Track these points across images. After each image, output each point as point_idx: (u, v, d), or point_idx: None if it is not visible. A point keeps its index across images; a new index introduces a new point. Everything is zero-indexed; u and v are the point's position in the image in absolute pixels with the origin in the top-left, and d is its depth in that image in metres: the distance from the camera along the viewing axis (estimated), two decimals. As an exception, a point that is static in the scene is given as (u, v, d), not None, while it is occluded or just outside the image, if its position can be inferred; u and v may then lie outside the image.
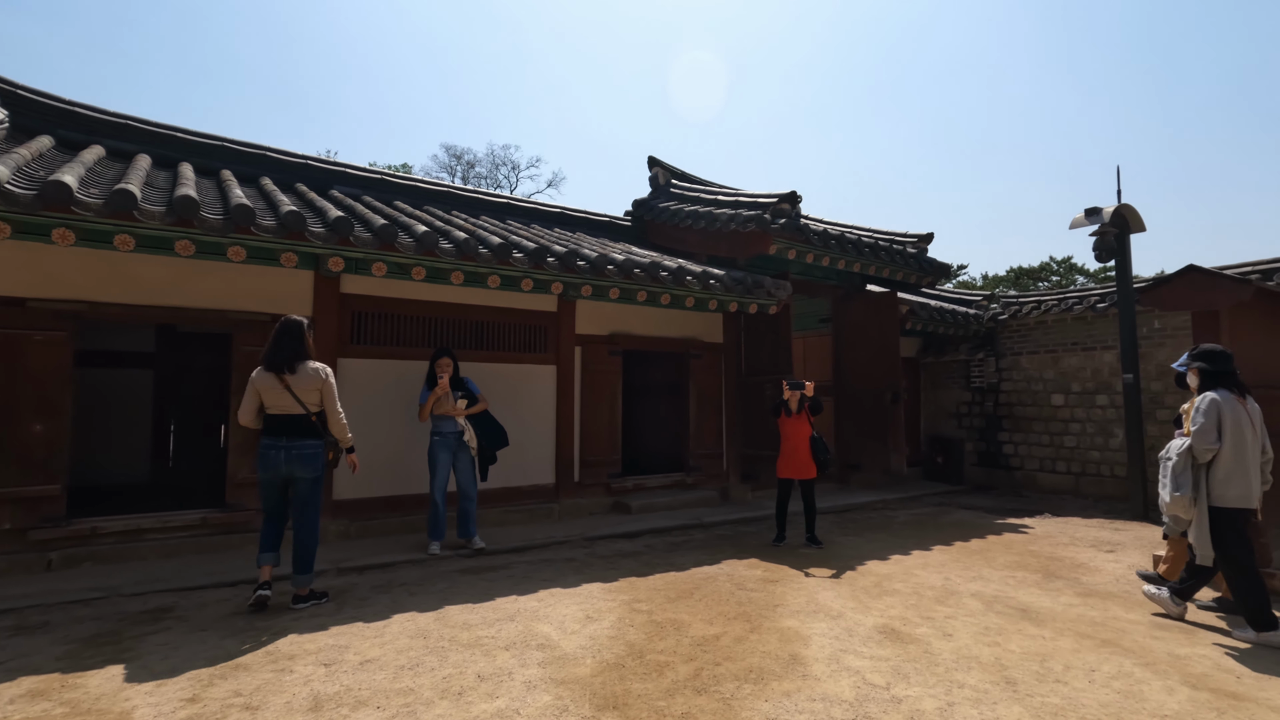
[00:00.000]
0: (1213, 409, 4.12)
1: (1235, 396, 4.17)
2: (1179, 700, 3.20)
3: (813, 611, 4.44)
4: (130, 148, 6.89)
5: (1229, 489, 4.07)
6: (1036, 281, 32.19)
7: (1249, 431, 4.10)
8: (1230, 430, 4.08)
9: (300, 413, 4.41)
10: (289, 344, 4.42)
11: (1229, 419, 4.09)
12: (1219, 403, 4.13)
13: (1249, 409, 4.18)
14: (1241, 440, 4.07)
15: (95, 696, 3.07)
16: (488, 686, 3.23)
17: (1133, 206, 8.53)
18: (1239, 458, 4.06)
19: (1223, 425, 4.09)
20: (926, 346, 12.11)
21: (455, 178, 32.64)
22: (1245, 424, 4.10)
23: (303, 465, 4.40)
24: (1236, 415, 4.10)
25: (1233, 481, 4.06)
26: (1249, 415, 4.15)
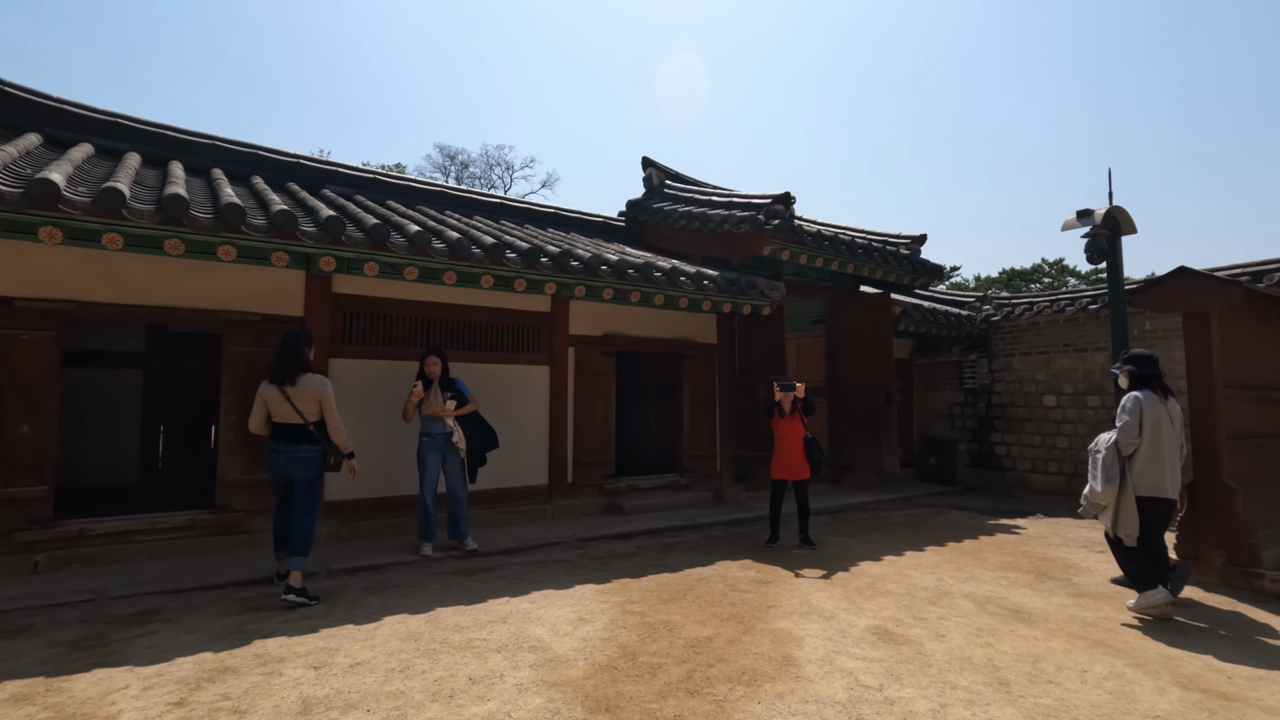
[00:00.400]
0: (1135, 407, 4.56)
1: (1158, 397, 4.60)
2: (1170, 701, 3.20)
3: (806, 613, 4.43)
4: (119, 146, 6.84)
5: (1144, 479, 4.50)
6: (1029, 283, 32.35)
7: (1167, 428, 4.52)
8: (1149, 427, 4.51)
9: (298, 422, 4.70)
10: (290, 357, 4.70)
11: (1149, 417, 4.52)
12: (1141, 401, 4.57)
13: (1169, 409, 4.59)
14: (1159, 436, 4.50)
15: (80, 701, 3.03)
16: (479, 689, 3.21)
17: (1124, 209, 8.55)
18: (1155, 452, 4.49)
19: (1143, 422, 4.52)
20: (919, 348, 12.14)
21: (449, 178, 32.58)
22: (1164, 422, 4.52)
23: (299, 468, 4.69)
24: (1156, 413, 4.53)
25: (1148, 473, 4.50)
26: (1168, 414, 4.56)
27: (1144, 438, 4.52)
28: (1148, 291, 5.76)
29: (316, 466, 4.74)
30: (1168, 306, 5.71)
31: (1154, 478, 4.49)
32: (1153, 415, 4.53)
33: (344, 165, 8.49)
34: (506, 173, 34.73)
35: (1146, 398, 4.60)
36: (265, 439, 4.86)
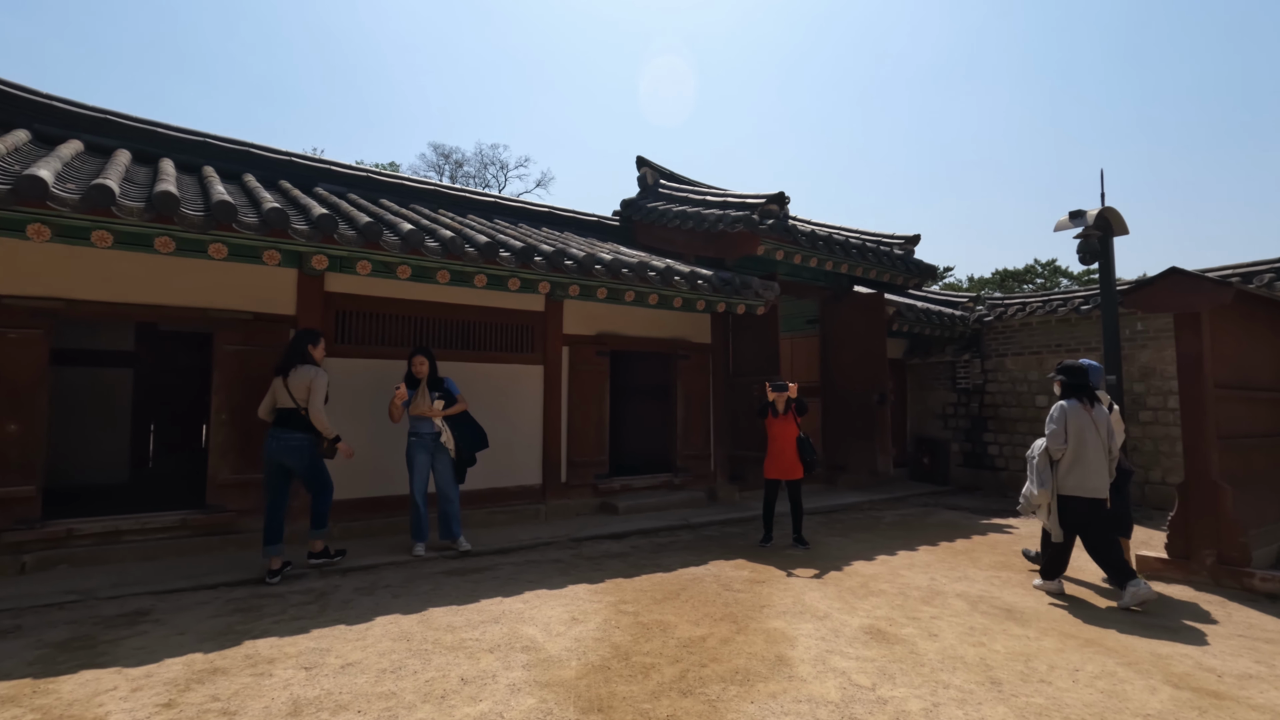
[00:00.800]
0: (1061, 416, 4.97)
1: (1083, 405, 4.99)
2: (1161, 699, 3.22)
3: (799, 612, 4.43)
4: (110, 143, 6.77)
5: (1068, 479, 4.92)
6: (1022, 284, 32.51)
7: (1090, 433, 4.90)
8: (1074, 433, 4.91)
9: (291, 406, 5.18)
10: (292, 351, 5.34)
11: (1074, 424, 4.92)
12: (1067, 410, 4.98)
13: (1094, 415, 4.96)
14: (1083, 441, 4.89)
15: (68, 702, 3.00)
16: (471, 690, 3.19)
17: (1116, 210, 8.59)
18: (1079, 455, 4.89)
19: (1069, 429, 4.91)
20: (913, 348, 12.17)
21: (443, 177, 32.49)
22: (1088, 428, 4.91)
23: (290, 455, 5.17)
24: (1080, 421, 4.93)
25: (1072, 473, 4.90)
26: (1093, 421, 4.94)
27: (1069, 443, 4.91)
28: (1139, 292, 5.79)
29: (308, 453, 5.22)
30: (1159, 307, 5.74)
31: (1077, 478, 4.88)
32: (1077, 422, 4.92)
33: (337, 163, 8.45)
34: (501, 172, 34.68)
35: (1072, 406, 4.99)
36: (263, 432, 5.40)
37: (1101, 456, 4.90)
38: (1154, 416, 9.05)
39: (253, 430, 5.96)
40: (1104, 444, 4.92)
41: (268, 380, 6.04)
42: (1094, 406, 5.01)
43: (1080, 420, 4.93)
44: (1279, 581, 4.91)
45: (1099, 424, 4.93)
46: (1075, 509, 4.90)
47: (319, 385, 5.22)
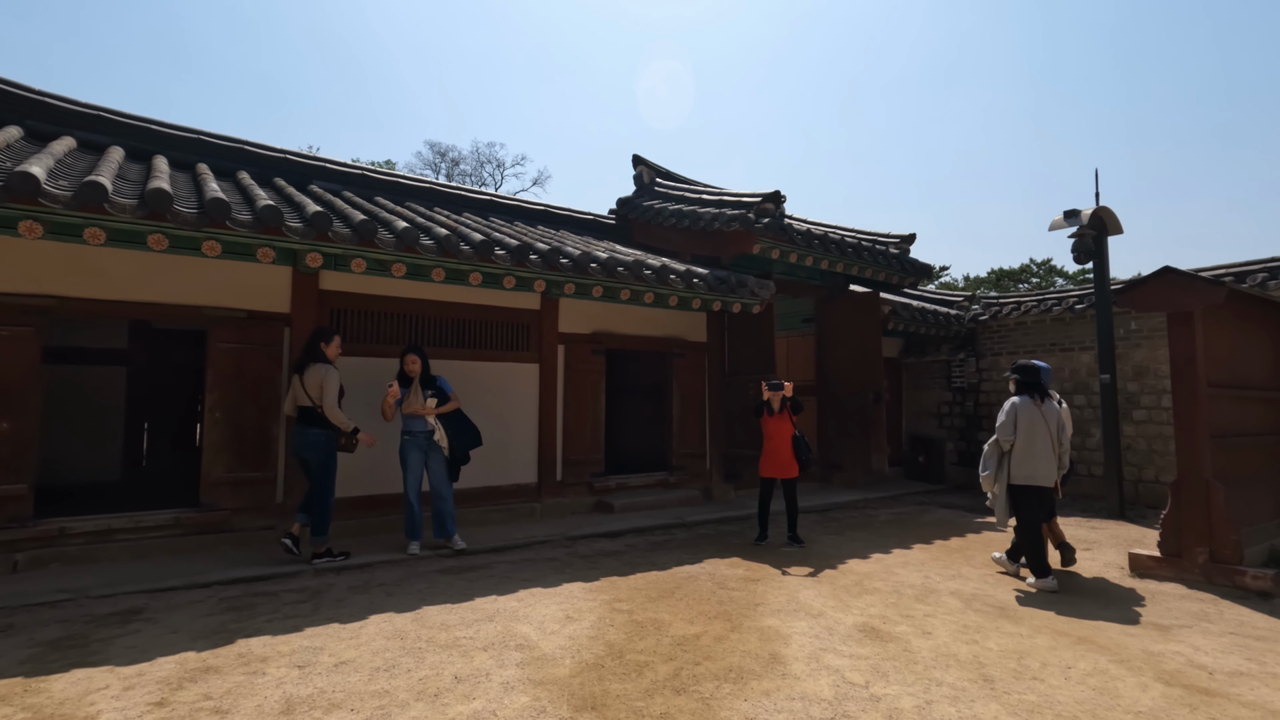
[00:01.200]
0: (1011, 411, 5.31)
1: (1033, 401, 5.29)
2: (1153, 697, 3.23)
3: (793, 610, 4.44)
4: (103, 140, 6.74)
5: (1019, 470, 5.22)
6: (1017, 283, 32.60)
7: (1040, 427, 5.21)
8: (1024, 427, 5.23)
9: (308, 404, 5.40)
10: (306, 349, 5.57)
11: (1023, 418, 5.24)
12: (1017, 405, 5.31)
13: (1044, 411, 5.27)
14: (1032, 434, 5.20)
15: (59, 701, 2.99)
16: (465, 688, 3.19)
17: (1110, 209, 8.63)
18: (1029, 447, 5.20)
19: (1018, 423, 5.23)
20: (908, 347, 12.20)
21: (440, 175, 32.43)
22: (1038, 422, 5.22)
23: (308, 449, 5.42)
24: (1030, 415, 5.24)
25: (1022, 464, 5.20)
26: (1042, 415, 5.25)
27: (1018, 436, 5.23)
28: (1133, 291, 5.81)
29: (324, 449, 5.42)
30: (1152, 306, 5.76)
31: (1027, 469, 5.21)
32: (1027, 417, 5.25)
33: (332, 161, 8.42)
34: (497, 170, 34.64)
35: (1022, 402, 5.31)
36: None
37: (1050, 449, 5.21)
38: (1147, 415, 9.08)
39: (246, 428, 5.95)
40: (1053, 437, 5.23)
41: (262, 378, 6.06)
42: (1044, 402, 5.31)
43: (1030, 415, 5.25)
44: (1270, 579, 4.94)
45: (1048, 419, 5.25)
46: (1026, 497, 5.22)
47: (329, 382, 5.38)
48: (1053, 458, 5.22)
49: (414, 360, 5.89)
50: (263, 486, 6.01)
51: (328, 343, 5.53)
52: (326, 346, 5.52)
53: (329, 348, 5.53)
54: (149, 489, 8.05)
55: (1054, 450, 5.23)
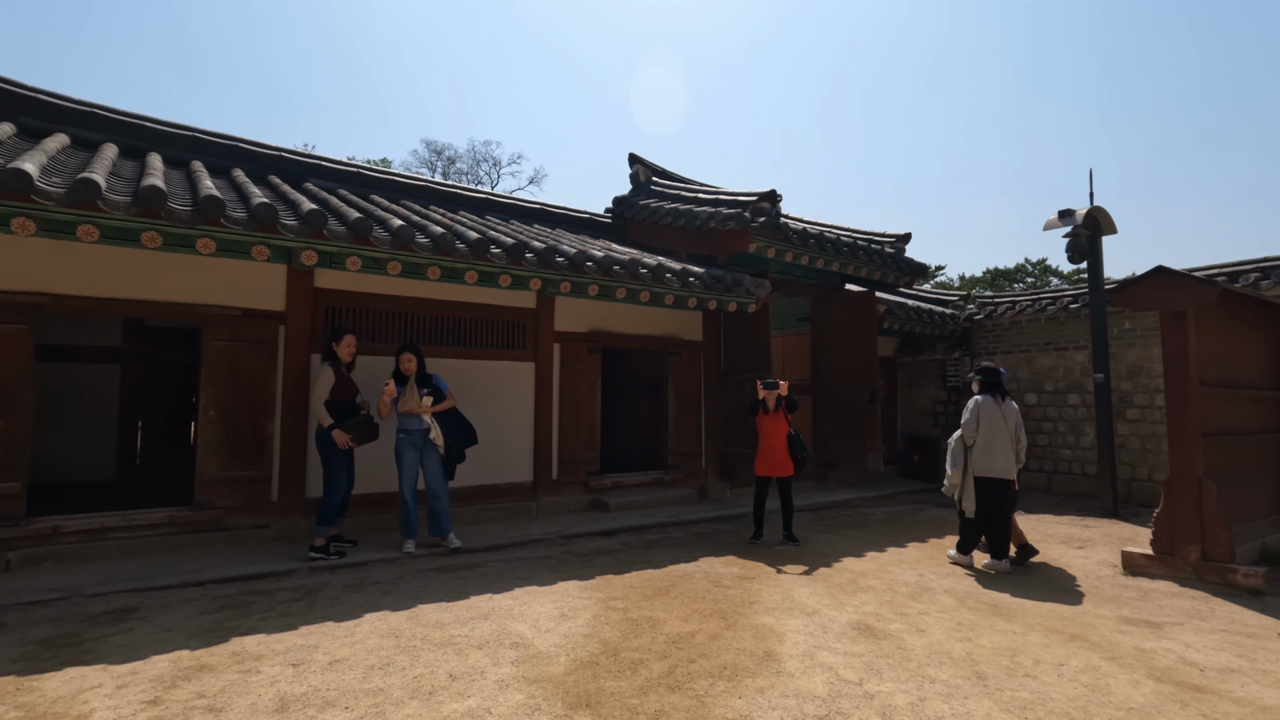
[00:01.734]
0: (975, 409, 5.71)
1: (994, 401, 5.71)
2: (1144, 693, 3.25)
3: (788, 608, 4.45)
4: (96, 137, 6.71)
5: (980, 463, 5.65)
6: (1012, 282, 32.69)
7: (999, 424, 5.63)
8: (985, 424, 5.64)
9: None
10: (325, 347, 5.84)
11: (985, 416, 5.66)
12: (980, 404, 5.71)
13: (1004, 409, 5.68)
14: (993, 431, 5.62)
15: (52, 700, 2.98)
16: (459, 686, 3.19)
17: (1104, 209, 8.66)
18: (989, 443, 5.62)
19: (980, 420, 5.64)
20: (903, 346, 12.23)
21: (435, 173, 32.37)
22: (997, 419, 5.64)
23: (318, 445, 5.66)
24: (991, 414, 5.66)
25: (983, 459, 5.63)
26: (1002, 414, 5.66)
27: (980, 432, 5.65)
28: (1126, 291, 5.83)
29: (321, 445, 5.58)
30: (1145, 305, 5.78)
31: (987, 462, 5.62)
32: (988, 415, 5.66)
33: (327, 159, 8.40)
34: (493, 169, 34.58)
35: (984, 401, 5.72)
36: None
37: (1008, 444, 5.62)
38: (1140, 414, 9.12)
39: (241, 427, 5.94)
40: (1011, 434, 5.65)
41: (256, 376, 6.05)
42: (1004, 402, 5.72)
43: (991, 413, 5.66)
44: (1261, 577, 4.97)
45: (1007, 417, 5.67)
46: (988, 488, 5.63)
47: (317, 379, 5.58)
48: (1011, 452, 5.63)
49: (410, 358, 5.88)
50: (257, 485, 5.99)
51: (338, 342, 5.72)
52: (337, 346, 5.71)
53: (339, 347, 5.71)
54: (143, 487, 8.03)
55: (1013, 445, 5.64)
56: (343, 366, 5.76)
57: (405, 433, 5.86)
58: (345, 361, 5.78)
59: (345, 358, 5.77)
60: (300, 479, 6.15)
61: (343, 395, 5.69)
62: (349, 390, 5.76)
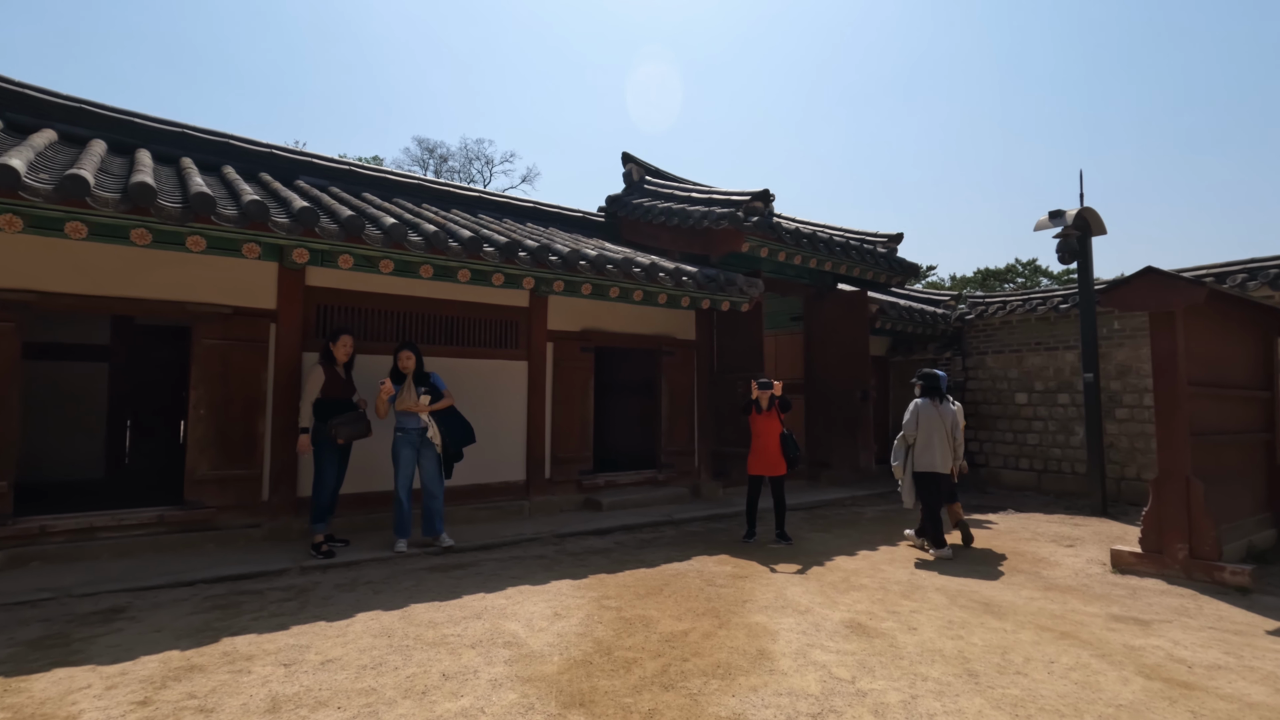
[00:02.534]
0: (914, 411, 6.28)
1: (933, 403, 6.26)
2: (1133, 690, 3.28)
3: (781, 607, 4.46)
4: (84, 133, 6.65)
5: (919, 460, 6.20)
6: (1003, 282, 32.89)
7: (936, 424, 6.18)
8: (923, 424, 6.20)
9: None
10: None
11: (923, 417, 6.22)
12: (919, 406, 6.28)
13: (940, 411, 6.23)
14: (930, 431, 6.17)
15: (40, 701, 2.95)
16: (452, 685, 3.18)
17: (1094, 210, 8.73)
18: (927, 442, 6.17)
19: (919, 421, 6.21)
20: (895, 345, 12.27)
21: (427, 171, 32.23)
22: (935, 420, 6.18)
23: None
24: (929, 415, 6.21)
25: (922, 455, 6.19)
26: (939, 414, 6.21)
27: (919, 431, 6.19)
28: (1116, 291, 5.88)
29: (314, 441, 5.58)
30: (1135, 306, 5.83)
31: (925, 458, 6.17)
32: (926, 416, 6.21)
33: (319, 156, 8.35)
34: (486, 167, 34.46)
35: (923, 404, 6.28)
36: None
37: (945, 442, 6.18)
38: (1129, 414, 9.20)
39: (232, 425, 5.90)
40: (947, 433, 6.20)
41: (247, 375, 6.02)
42: (941, 404, 6.27)
43: (929, 414, 6.21)
44: (1248, 575, 5.02)
45: (944, 417, 6.23)
46: (925, 481, 6.19)
47: (306, 376, 5.63)
48: (948, 449, 6.19)
49: (409, 356, 5.86)
50: (248, 484, 5.95)
51: (334, 341, 5.75)
52: (334, 345, 5.74)
53: (335, 346, 5.74)
54: (132, 487, 7.97)
55: (949, 443, 6.20)
56: (338, 366, 5.75)
57: (403, 431, 5.84)
58: (342, 361, 5.78)
59: (342, 358, 5.77)
60: (292, 478, 6.11)
61: (337, 394, 5.67)
62: (345, 389, 5.75)
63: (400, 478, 5.81)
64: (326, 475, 5.59)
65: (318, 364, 5.66)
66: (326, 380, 5.62)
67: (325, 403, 5.60)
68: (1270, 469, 6.83)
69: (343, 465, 5.77)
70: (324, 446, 5.57)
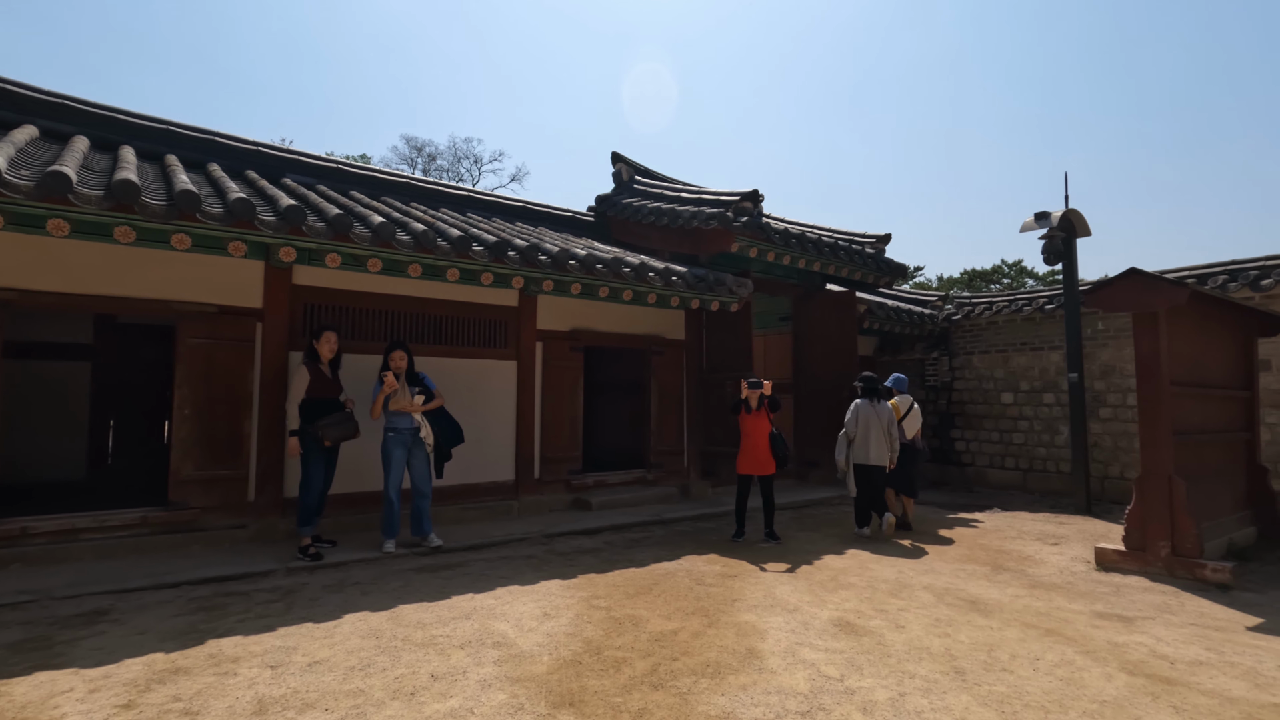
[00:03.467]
0: (854, 410, 7.01)
1: (870, 403, 6.96)
2: (1117, 686, 3.32)
3: (770, 606, 4.48)
4: (67, 129, 6.56)
5: (858, 454, 6.90)
6: (989, 283, 33.16)
7: (874, 421, 6.89)
8: (861, 422, 6.91)
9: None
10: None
11: (861, 416, 6.93)
12: (858, 407, 6.99)
13: (877, 410, 6.93)
14: (868, 428, 6.89)
15: (21, 705, 2.91)
16: (441, 686, 3.17)
17: (1079, 212, 8.82)
18: (864, 438, 6.88)
19: (858, 420, 6.92)
20: (883, 345, 12.35)
21: (415, 170, 32.07)
22: (872, 418, 6.90)
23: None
24: (866, 414, 6.92)
25: (859, 449, 6.89)
26: (876, 413, 6.91)
27: (858, 429, 6.91)
28: (1100, 292, 5.94)
29: (305, 442, 5.48)
30: (1118, 306, 5.90)
31: (863, 452, 6.86)
32: (864, 415, 6.92)
33: (306, 154, 8.29)
34: (475, 166, 34.33)
35: (862, 404, 6.98)
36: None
37: (882, 438, 6.86)
38: (1113, 413, 9.31)
39: (217, 425, 5.84)
40: (884, 430, 6.88)
41: (233, 374, 5.96)
42: (877, 404, 6.98)
43: (867, 413, 6.92)
44: (1228, 572, 5.10)
45: (880, 415, 6.92)
46: (865, 472, 6.89)
47: (292, 376, 5.58)
48: (884, 444, 6.86)
49: (401, 356, 5.82)
50: (234, 484, 5.90)
51: (318, 339, 5.65)
52: (317, 343, 5.64)
53: (319, 344, 5.64)
54: (115, 487, 7.87)
55: (885, 439, 6.86)
56: (323, 365, 5.68)
57: (394, 431, 5.80)
58: (326, 359, 5.70)
59: (326, 355, 5.67)
60: (278, 478, 6.06)
61: (322, 394, 5.60)
62: (330, 389, 5.68)
63: (391, 478, 5.77)
64: (314, 477, 5.51)
65: (302, 364, 5.58)
66: (312, 380, 5.54)
67: (312, 403, 5.51)
68: (1250, 468, 6.93)
69: (330, 467, 5.68)
70: (311, 448, 5.49)
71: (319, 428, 5.45)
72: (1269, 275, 8.01)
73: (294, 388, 5.52)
